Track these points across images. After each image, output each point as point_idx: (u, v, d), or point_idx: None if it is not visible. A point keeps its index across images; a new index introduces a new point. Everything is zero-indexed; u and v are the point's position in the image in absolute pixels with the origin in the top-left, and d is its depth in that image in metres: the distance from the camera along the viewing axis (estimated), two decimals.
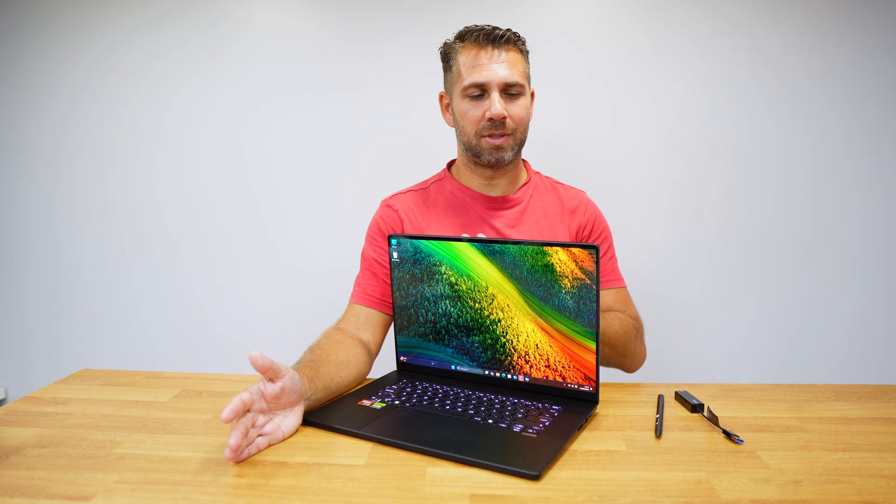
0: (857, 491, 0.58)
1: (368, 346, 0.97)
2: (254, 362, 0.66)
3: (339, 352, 0.87)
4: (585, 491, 0.59)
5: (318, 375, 0.78)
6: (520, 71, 0.98)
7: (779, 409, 0.81)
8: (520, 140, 1.02)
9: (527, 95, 1.01)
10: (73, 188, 1.71)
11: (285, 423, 0.71)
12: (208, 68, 1.64)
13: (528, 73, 1.02)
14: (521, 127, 1.00)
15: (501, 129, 0.98)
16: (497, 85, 0.96)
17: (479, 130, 0.99)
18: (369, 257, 1.05)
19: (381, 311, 1.02)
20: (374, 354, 0.99)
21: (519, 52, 0.99)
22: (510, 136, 0.99)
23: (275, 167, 1.66)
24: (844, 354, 1.59)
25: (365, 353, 0.94)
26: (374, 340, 1.00)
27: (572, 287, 0.78)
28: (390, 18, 1.58)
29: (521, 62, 0.99)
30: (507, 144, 0.99)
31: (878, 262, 1.56)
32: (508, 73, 0.96)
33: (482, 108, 0.98)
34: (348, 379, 0.86)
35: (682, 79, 1.54)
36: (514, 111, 0.98)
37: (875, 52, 1.50)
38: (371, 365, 0.97)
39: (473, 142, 1.01)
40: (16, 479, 0.61)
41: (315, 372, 0.78)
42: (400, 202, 1.08)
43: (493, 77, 0.96)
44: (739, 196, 1.57)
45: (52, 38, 1.66)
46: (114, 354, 1.75)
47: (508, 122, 0.98)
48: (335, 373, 0.83)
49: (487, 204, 1.06)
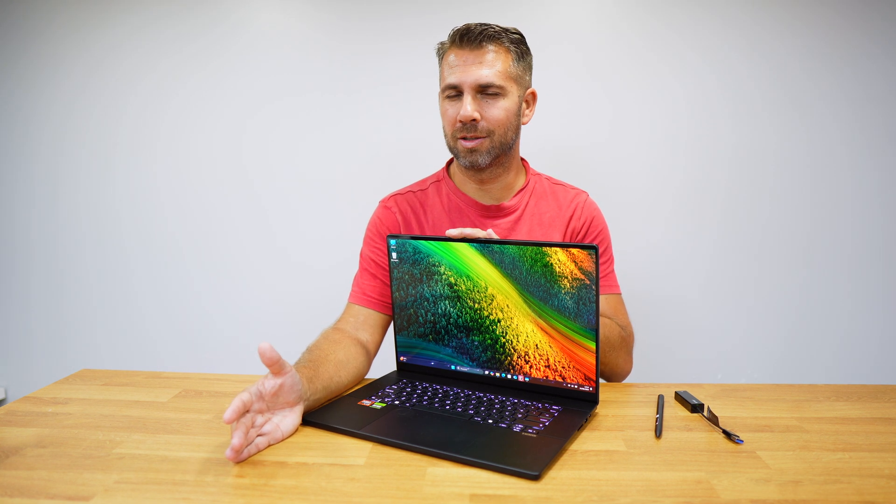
0: (857, 491, 0.58)
1: (367, 347, 0.97)
2: (262, 354, 0.66)
3: (337, 352, 0.87)
4: (585, 491, 0.59)
5: (317, 376, 0.78)
6: (498, 71, 0.93)
7: (779, 409, 0.81)
8: (499, 143, 0.97)
9: (509, 96, 0.95)
10: (75, 188, 1.71)
11: (284, 422, 0.71)
12: (210, 68, 1.64)
13: (517, 72, 0.97)
14: (499, 129, 0.95)
15: (473, 131, 0.95)
16: (469, 86, 0.93)
17: (454, 132, 0.97)
18: (367, 257, 1.05)
19: (380, 311, 1.02)
20: (372, 354, 0.98)
21: (505, 50, 0.95)
22: (485, 138, 0.95)
23: (276, 167, 1.66)
24: (844, 354, 1.59)
25: (363, 353, 0.94)
26: (373, 340, 1.00)
27: (572, 287, 0.78)
28: (391, 19, 1.58)
29: (503, 61, 0.94)
30: (481, 147, 0.95)
31: (878, 262, 1.56)
32: (482, 74, 0.92)
33: (457, 109, 0.95)
34: (347, 379, 0.86)
35: (682, 80, 1.54)
36: (491, 113, 0.94)
37: (874, 53, 1.50)
38: (370, 365, 0.97)
39: (451, 144, 1.00)
40: (16, 479, 0.61)
41: (314, 372, 0.78)
42: (397, 203, 1.07)
43: (465, 78, 0.93)
44: (740, 197, 1.57)
45: (52, 39, 1.66)
46: (114, 355, 1.76)
47: (482, 124, 0.94)
48: (334, 373, 0.83)
49: (481, 212, 1.04)
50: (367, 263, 1.04)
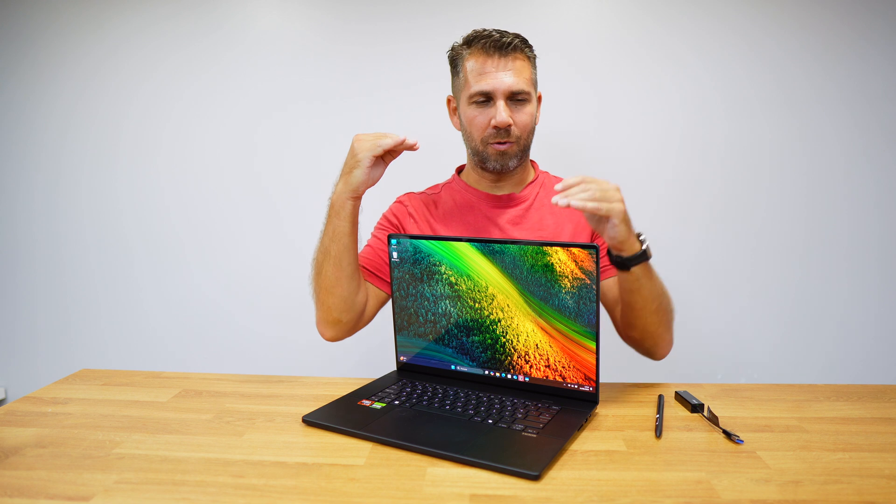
0: (857, 491, 0.58)
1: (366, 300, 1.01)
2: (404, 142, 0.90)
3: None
4: (585, 491, 0.59)
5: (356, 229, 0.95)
6: (526, 78, 0.98)
7: (779, 409, 0.81)
8: (524, 146, 1.02)
9: (532, 102, 1.01)
10: (77, 188, 1.71)
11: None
12: (213, 69, 1.64)
13: (535, 78, 1.02)
14: (525, 134, 1.01)
15: (506, 136, 0.99)
16: (503, 93, 0.96)
17: (486, 138, 1.00)
18: (373, 236, 1.09)
19: (371, 281, 1.02)
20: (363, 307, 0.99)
21: (526, 58, 0.99)
22: (514, 143, 1.00)
23: (278, 167, 1.66)
24: (845, 354, 1.59)
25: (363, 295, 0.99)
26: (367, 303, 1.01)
27: (572, 287, 0.78)
28: (394, 21, 1.58)
29: (527, 69, 0.99)
30: (511, 151, 1.00)
31: (878, 262, 1.56)
32: (514, 81, 0.96)
33: (488, 115, 0.98)
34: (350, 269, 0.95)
35: (677, 77, 1.53)
36: (520, 118, 0.99)
37: (869, 52, 1.50)
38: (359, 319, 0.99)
39: (480, 148, 1.02)
40: (16, 479, 0.61)
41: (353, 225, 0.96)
42: (411, 200, 1.11)
43: (499, 85, 0.96)
44: (741, 196, 1.56)
45: (54, 40, 1.66)
46: (115, 355, 1.75)
47: (513, 129, 0.99)
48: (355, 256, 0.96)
49: (492, 203, 1.07)
50: (372, 240, 1.08)
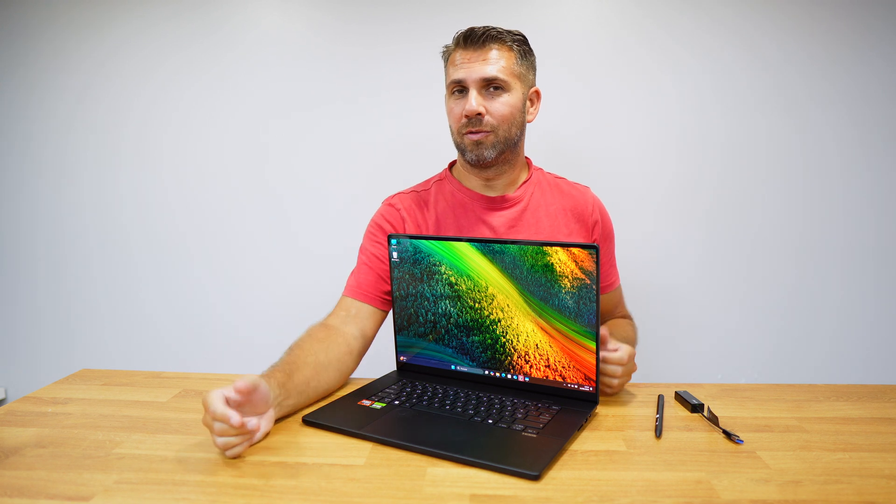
0: (857, 491, 0.58)
1: (355, 342, 0.94)
2: (238, 390, 0.65)
3: (319, 353, 0.86)
4: (585, 491, 0.59)
5: (291, 381, 0.77)
6: (502, 67, 0.96)
7: (779, 409, 0.81)
8: (503, 137, 0.99)
9: (512, 92, 0.98)
10: (79, 188, 1.71)
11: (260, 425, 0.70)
12: (214, 70, 1.63)
13: (521, 70, 1.00)
14: (503, 124, 0.98)
15: (478, 125, 0.97)
16: (474, 82, 0.96)
17: (460, 128, 0.99)
18: (367, 252, 1.04)
19: (374, 305, 1.00)
20: (360, 350, 0.96)
21: (507, 49, 0.98)
22: (490, 133, 0.97)
23: (280, 167, 1.66)
24: (845, 354, 1.59)
25: (348, 353, 0.92)
26: (363, 334, 0.97)
27: (572, 287, 0.78)
28: (395, 22, 1.58)
29: (507, 59, 0.97)
30: (487, 141, 0.97)
31: (877, 262, 1.56)
32: (486, 69, 0.95)
33: (462, 105, 0.98)
34: (328, 382, 0.85)
35: (676, 78, 1.54)
36: (494, 108, 0.97)
37: (867, 53, 1.50)
38: (356, 364, 0.95)
39: (458, 140, 1.02)
40: (16, 479, 0.61)
41: (287, 377, 0.77)
42: (402, 201, 1.08)
43: (469, 73, 0.96)
44: (741, 196, 1.56)
45: (56, 41, 1.66)
46: (115, 355, 1.75)
47: (487, 118, 0.97)
48: (312, 377, 0.82)
49: (486, 204, 1.05)
50: (366, 257, 1.04)
